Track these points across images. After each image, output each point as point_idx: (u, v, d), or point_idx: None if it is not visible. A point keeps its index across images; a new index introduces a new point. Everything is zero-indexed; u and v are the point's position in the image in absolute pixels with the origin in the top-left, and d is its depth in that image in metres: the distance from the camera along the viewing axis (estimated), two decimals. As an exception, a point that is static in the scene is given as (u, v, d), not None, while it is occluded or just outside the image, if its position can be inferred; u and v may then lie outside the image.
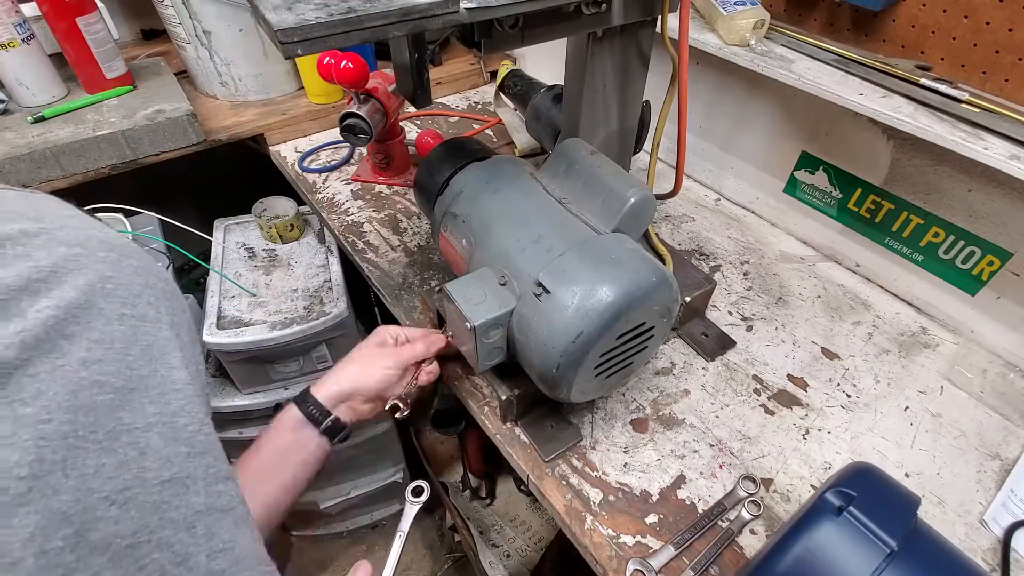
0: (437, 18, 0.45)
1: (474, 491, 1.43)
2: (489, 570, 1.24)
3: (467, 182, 0.67)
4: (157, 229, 0.97)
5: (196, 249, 1.00)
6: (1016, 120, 0.66)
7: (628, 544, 0.56)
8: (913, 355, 0.77)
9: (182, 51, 1.12)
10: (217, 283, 0.98)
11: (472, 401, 0.69)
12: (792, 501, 0.61)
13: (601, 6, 0.59)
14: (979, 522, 0.60)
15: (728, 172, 1.03)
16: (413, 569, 1.47)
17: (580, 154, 0.64)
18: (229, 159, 1.18)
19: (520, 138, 1.11)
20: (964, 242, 0.76)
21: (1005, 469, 0.64)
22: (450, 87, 1.33)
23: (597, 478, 0.62)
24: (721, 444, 0.65)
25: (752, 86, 0.91)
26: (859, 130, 0.80)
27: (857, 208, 0.86)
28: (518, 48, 0.65)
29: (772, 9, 0.89)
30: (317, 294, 0.98)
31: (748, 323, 0.80)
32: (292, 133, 1.15)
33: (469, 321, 0.55)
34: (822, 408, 0.70)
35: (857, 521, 0.42)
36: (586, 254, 0.55)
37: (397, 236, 0.93)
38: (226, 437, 1.05)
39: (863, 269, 0.89)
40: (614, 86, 0.72)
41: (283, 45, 0.39)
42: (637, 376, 0.72)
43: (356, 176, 1.06)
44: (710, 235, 0.96)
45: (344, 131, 0.88)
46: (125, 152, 0.97)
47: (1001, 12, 0.67)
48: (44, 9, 0.93)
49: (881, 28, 0.79)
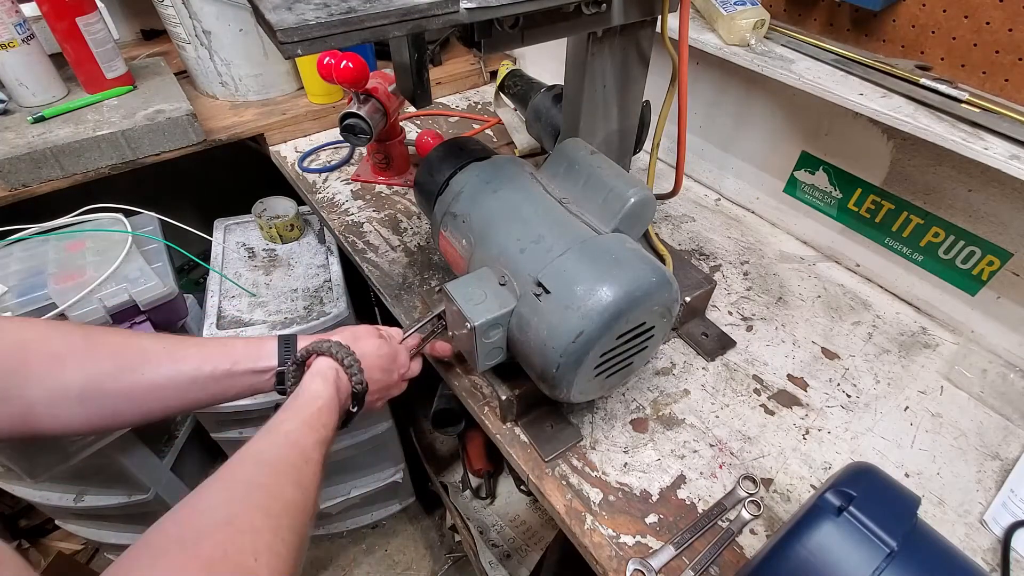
0: (437, 18, 0.45)
1: (474, 491, 1.43)
2: (489, 570, 1.24)
3: (467, 182, 0.67)
4: (157, 229, 0.97)
5: (196, 249, 1.00)
6: (1016, 120, 0.66)
7: (628, 544, 0.56)
8: (913, 355, 0.77)
9: (182, 51, 1.12)
10: (217, 283, 0.98)
11: (472, 401, 0.69)
12: (792, 501, 0.61)
13: (601, 6, 0.59)
14: (979, 522, 0.60)
15: (728, 172, 1.03)
16: (413, 569, 1.47)
17: (580, 154, 0.64)
18: (229, 159, 1.18)
19: (520, 138, 1.11)
20: (964, 242, 0.76)
21: (1005, 469, 0.64)
22: (450, 87, 1.33)
23: (597, 478, 0.62)
24: (721, 444, 0.65)
25: (752, 86, 0.91)
26: (859, 130, 0.80)
27: (857, 208, 0.86)
28: (518, 48, 0.65)
29: (772, 9, 0.89)
30: (317, 294, 0.98)
31: (748, 323, 0.80)
32: (292, 133, 1.15)
33: (469, 321, 0.55)
34: (822, 408, 0.70)
35: (857, 521, 0.42)
36: (586, 254, 0.55)
37: (397, 236, 0.93)
38: (226, 437, 1.05)
39: (863, 269, 0.89)
40: (614, 86, 0.72)
41: (283, 45, 0.39)
42: (637, 376, 0.72)
43: (356, 176, 1.06)
44: (710, 235, 0.96)
45: (344, 131, 0.88)
46: (125, 152, 0.97)
47: (1001, 12, 0.67)
48: (44, 9, 0.93)
49: (881, 28, 0.79)
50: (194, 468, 1.19)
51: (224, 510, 0.40)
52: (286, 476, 0.45)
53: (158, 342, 0.54)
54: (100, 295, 0.82)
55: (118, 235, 0.91)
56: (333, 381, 0.53)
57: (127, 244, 0.89)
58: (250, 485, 0.43)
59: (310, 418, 0.50)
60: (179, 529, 0.38)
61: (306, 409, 0.50)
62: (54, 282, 0.82)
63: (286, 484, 0.44)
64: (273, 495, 0.43)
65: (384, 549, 1.51)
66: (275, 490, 0.43)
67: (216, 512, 0.40)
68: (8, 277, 0.83)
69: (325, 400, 0.52)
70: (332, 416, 0.52)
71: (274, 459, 0.46)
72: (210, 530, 0.38)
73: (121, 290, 0.83)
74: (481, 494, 1.41)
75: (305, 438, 0.48)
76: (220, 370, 0.54)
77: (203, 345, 0.55)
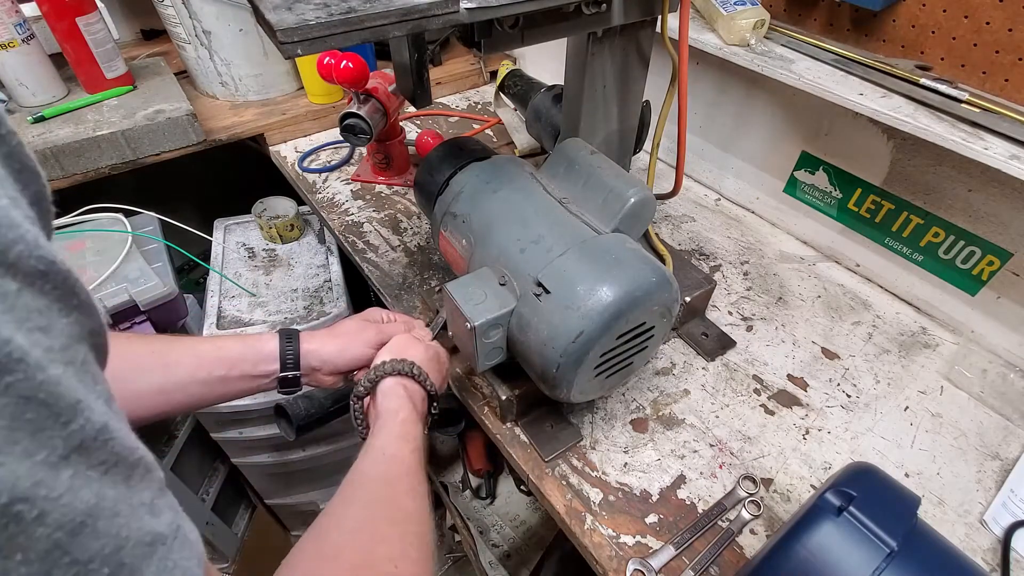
0: (437, 18, 0.45)
1: (474, 491, 1.42)
2: (489, 570, 1.24)
3: (467, 182, 0.67)
4: (157, 229, 0.97)
5: (196, 249, 1.00)
6: (1016, 120, 0.66)
7: (628, 544, 0.56)
8: (913, 355, 0.77)
9: (182, 51, 1.11)
10: (217, 283, 0.98)
11: (472, 401, 0.69)
12: (792, 501, 0.61)
13: (601, 6, 0.59)
14: (979, 522, 0.60)
15: (728, 172, 1.03)
16: (413, 569, 1.47)
17: (580, 154, 0.64)
18: (229, 159, 1.18)
19: (520, 138, 1.11)
20: (964, 242, 0.76)
21: (1005, 469, 0.64)
22: (450, 87, 1.33)
23: (597, 478, 0.62)
24: (721, 444, 0.65)
25: (752, 86, 0.91)
26: (859, 130, 0.80)
27: (857, 208, 0.86)
28: (518, 48, 0.65)
29: (772, 9, 0.89)
30: (317, 294, 0.98)
31: (748, 323, 0.80)
32: (292, 133, 1.15)
33: (469, 321, 0.55)
34: (822, 408, 0.70)
35: (857, 521, 0.42)
36: (586, 254, 0.55)
37: (397, 236, 0.93)
38: (226, 437, 1.05)
39: (863, 269, 0.89)
40: (614, 86, 0.72)
41: (283, 45, 0.39)
42: (637, 376, 0.72)
43: (356, 176, 1.06)
44: (710, 235, 0.96)
45: (344, 131, 0.88)
46: (125, 152, 0.97)
47: (1001, 12, 0.67)
48: (44, 9, 0.93)
49: (881, 28, 0.79)
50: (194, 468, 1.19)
51: (352, 524, 0.42)
52: (396, 487, 0.46)
53: (150, 347, 0.54)
54: (100, 295, 0.82)
55: (118, 235, 0.91)
56: (405, 396, 0.53)
57: (127, 244, 0.89)
58: (368, 500, 0.44)
59: (398, 430, 0.50)
60: (318, 547, 0.40)
61: (391, 425, 0.51)
62: (54, 282, 0.82)
63: (400, 494, 0.45)
64: (393, 506, 0.44)
65: (384, 549, 1.51)
66: (393, 501, 0.45)
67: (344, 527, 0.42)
68: (8, 277, 0.83)
69: (406, 412, 0.52)
70: (416, 426, 0.52)
71: (381, 474, 0.47)
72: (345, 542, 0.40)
73: (121, 290, 0.83)
74: (481, 494, 1.41)
75: (400, 450, 0.49)
76: (215, 376, 0.54)
77: (197, 349, 0.55)
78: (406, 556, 0.41)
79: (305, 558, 0.39)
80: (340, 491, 0.45)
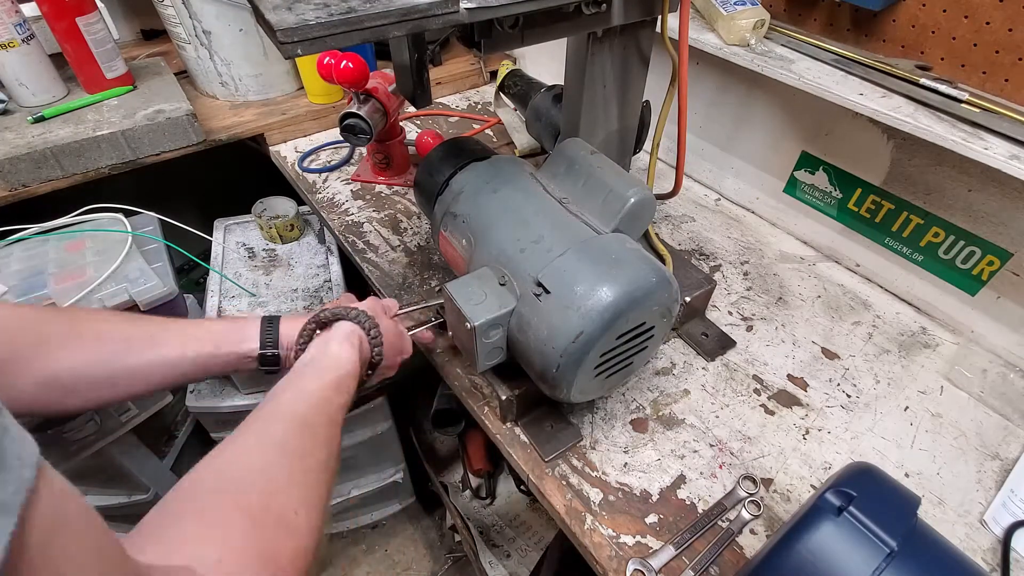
0: (437, 18, 0.45)
1: (474, 491, 1.42)
2: (489, 570, 1.24)
3: (467, 182, 0.67)
4: (157, 229, 0.97)
5: (196, 249, 1.00)
6: (1016, 120, 0.66)
7: (628, 544, 0.56)
8: (913, 355, 0.77)
9: (182, 51, 1.12)
10: (217, 283, 0.98)
11: (472, 401, 0.69)
12: (792, 501, 0.61)
13: (601, 6, 0.59)
14: (979, 522, 0.60)
15: (728, 172, 1.03)
16: (413, 569, 1.47)
17: (580, 154, 0.64)
18: (229, 159, 1.18)
19: (520, 138, 1.11)
20: (964, 242, 0.76)
21: (1005, 469, 0.64)
22: (450, 87, 1.33)
23: (597, 478, 0.62)
24: (721, 444, 0.65)
25: (752, 86, 0.91)
26: (859, 130, 0.80)
27: (857, 208, 0.86)
28: (518, 48, 0.65)
29: (772, 9, 0.89)
30: (317, 294, 0.98)
31: (748, 323, 0.80)
32: (292, 133, 1.15)
33: (469, 321, 0.55)
34: (822, 408, 0.70)
35: (857, 521, 0.42)
36: (586, 254, 0.55)
37: (397, 236, 0.93)
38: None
39: (863, 269, 0.89)
40: (614, 86, 0.72)
41: (283, 45, 0.39)
42: (637, 376, 0.72)
43: (356, 176, 1.06)
44: (710, 235, 0.96)
45: (344, 131, 0.88)
46: (125, 152, 0.97)
47: (1001, 12, 0.67)
48: (44, 9, 0.93)
49: (881, 28, 0.79)
50: (194, 468, 1.19)
51: (260, 464, 0.41)
52: (317, 436, 0.45)
53: (141, 327, 0.55)
54: (100, 295, 0.82)
55: (118, 235, 0.91)
56: (357, 349, 0.54)
57: (127, 244, 0.89)
58: (284, 442, 0.43)
59: (337, 382, 0.50)
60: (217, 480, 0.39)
61: (332, 372, 0.51)
62: (54, 282, 0.82)
63: (317, 444, 0.45)
64: (306, 453, 0.44)
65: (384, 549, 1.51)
66: (308, 448, 0.44)
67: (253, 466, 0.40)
68: (8, 277, 0.83)
69: (353, 366, 0.52)
70: (354, 383, 0.52)
71: (304, 418, 0.46)
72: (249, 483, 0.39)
73: (121, 290, 0.83)
74: (481, 494, 1.41)
75: (332, 401, 0.49)
76: (203, 353, 0.56)
77: (185, 329, 0.57)
78: (309, 504, 0.40)
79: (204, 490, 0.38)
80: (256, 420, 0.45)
